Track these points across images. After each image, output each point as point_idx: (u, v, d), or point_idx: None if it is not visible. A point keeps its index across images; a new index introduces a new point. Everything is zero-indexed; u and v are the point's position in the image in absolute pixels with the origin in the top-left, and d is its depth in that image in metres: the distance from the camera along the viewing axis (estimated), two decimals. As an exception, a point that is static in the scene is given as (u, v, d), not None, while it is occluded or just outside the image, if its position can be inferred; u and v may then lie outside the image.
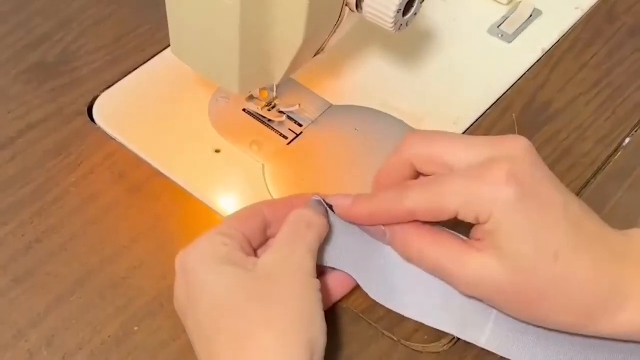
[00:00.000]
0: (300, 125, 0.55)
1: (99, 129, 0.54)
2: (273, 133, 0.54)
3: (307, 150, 0.53)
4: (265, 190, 0.51)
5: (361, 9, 0.45)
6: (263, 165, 0.52)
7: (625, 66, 0.60)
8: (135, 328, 0.45)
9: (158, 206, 0.51)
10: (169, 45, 0.58)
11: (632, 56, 0.60)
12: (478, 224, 0.40)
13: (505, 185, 0.39)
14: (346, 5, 0.45)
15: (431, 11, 0.62)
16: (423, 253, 0.42)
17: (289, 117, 0.55)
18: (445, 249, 0.41)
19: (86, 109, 0.55)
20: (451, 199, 0.40)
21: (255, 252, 0.43)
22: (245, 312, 0.38)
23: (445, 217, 0.41)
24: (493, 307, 0.43)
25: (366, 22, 0.47)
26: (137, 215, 0.50)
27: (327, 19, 0.45)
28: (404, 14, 0.45)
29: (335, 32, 0.47)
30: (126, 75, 0.57)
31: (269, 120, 0.55)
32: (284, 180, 0.52)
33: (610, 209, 0.51)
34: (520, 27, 0.61)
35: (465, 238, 0.42)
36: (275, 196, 0.51)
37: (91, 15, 0.61)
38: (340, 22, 0.46)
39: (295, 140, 0.54)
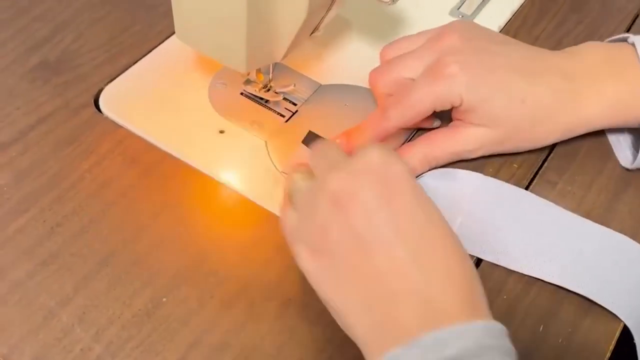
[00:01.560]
0: (295, 104, 0.50)
1: (106, 118, 0.48)
2: (271, 112, 0.49)
3: (304, 126, 0.49)
4: (270, 164, 0.47)
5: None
6: (266, 142, 0.48)
7: (571, 37, 0.57)
8: (164, 299, 0.40)
9: (172, 186, 0.45)
10: (163, 41, 0.54)
11: (576, 29, 0.58)
12: (454, 107, 0.43)
13: (460, 73, 0.42)
14: (342, -19, 0.41)
15: (396, -1, 0.58)
16: (434, 152, 0.45)
17: (284, 98, 0.50)
18: (447, 139, 0.45)
19: (92, 101, 0.49)
20: (423, 104, 0.43)
21: None
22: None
23: (423, 116, 0.44)
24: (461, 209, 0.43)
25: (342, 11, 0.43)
26: (153, 195, 0.45)
27: (325, -5, 0.41)
28: (398, -14, 0.41)
29: (331, 9, 0.43)
30: (127, 69, 0.51)
31: (266, 101, 0.50)
32: (286, 154, 0.47)
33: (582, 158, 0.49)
34: (477, 8, 0.58)
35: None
36: (280, 168, 0.46)
37: (86, 18, 0.55)
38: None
39: (292, 118, 0.49)
